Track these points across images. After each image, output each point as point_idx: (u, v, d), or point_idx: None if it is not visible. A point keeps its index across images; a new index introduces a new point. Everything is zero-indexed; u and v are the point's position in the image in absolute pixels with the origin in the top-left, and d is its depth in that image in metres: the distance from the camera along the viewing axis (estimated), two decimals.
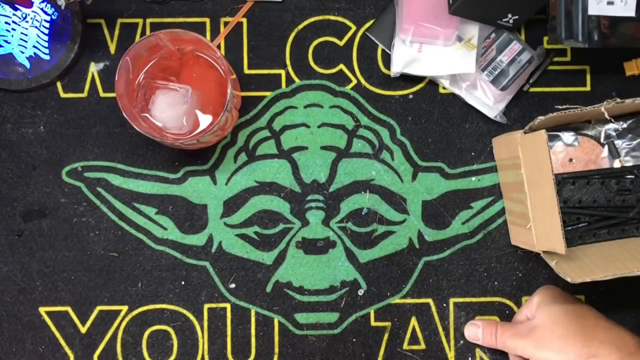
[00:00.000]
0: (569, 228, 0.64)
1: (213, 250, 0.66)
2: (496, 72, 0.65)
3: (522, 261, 0.66)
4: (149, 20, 0.67)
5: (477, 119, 0.67)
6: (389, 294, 0.66)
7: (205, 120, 0.61)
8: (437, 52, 0.64)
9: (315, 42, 0.67)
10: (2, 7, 0.64)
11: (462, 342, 0.66)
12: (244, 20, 0.67)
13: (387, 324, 0.66)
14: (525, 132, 0.58)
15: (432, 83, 0.67)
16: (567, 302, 0.59)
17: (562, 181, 0.63)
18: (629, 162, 0.65)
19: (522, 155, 0.59)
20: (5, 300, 0.65)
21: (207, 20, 0.67)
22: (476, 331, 0.64)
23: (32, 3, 0.64)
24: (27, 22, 0.64)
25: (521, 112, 0.67)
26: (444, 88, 0.67)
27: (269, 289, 0.66)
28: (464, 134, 0.67)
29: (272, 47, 0.67)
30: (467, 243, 0.66)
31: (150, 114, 0.60)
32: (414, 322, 0.66)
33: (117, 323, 0.65)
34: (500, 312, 0.66)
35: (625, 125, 0.65)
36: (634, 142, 0.65)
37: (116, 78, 0.57)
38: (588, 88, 0.68)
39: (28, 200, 0.66)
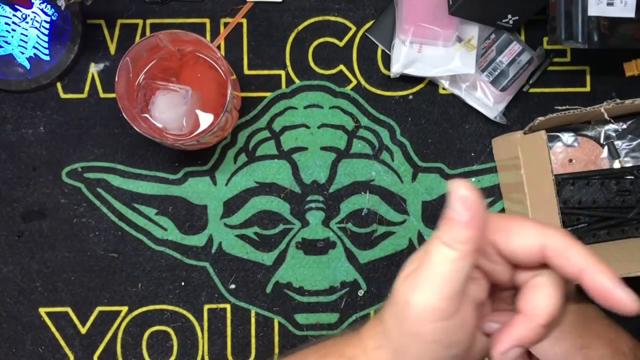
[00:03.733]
0: (569, 229, 0.64)
1: (213, 250, 0.66)
2: (496, 73, 0.65)
3: None
4: (149, 21, 0.67)
5: (477, 120, 0.67)
6: (389, 294, 0.66)
7: (205, 121, 0.61)
8: (437, 53, 0.64)
9: (315, 43, 0.67)
10: (2, 7, 0.64)
11: None
12: (244, 21, 0.67)
13: None
14: (525, 133, 0.58)
15: (432, 84, 0.67)
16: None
17: (562, 182, 0.63)
18: (629, 163, 0.65)
19: (522, 156, 0.59)
20: (5, 301, 0.65)
21: (207, 21, 0.67)
22: None
23: (32, 4, 0.64)
24: (27, 22, 0.64)
25: (521, 112, 0.67)
26: (443, 89, 0.67)
27: (269, 289, 0.66)
28: (464, 135, 0.67)
29: (272, 48, 0.67)
30: None
31: (150, 114, 0.60)
32: None
33: (117, 324, 0.65)
34: None
35: (625, 126, 0.65)
36: (634, 143, 0.65)
37: (116, 79, 0.57)
38: (588, 89, 0.68)
39: (28, 201, 0.66)
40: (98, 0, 0.66)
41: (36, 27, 0.64)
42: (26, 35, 0.64)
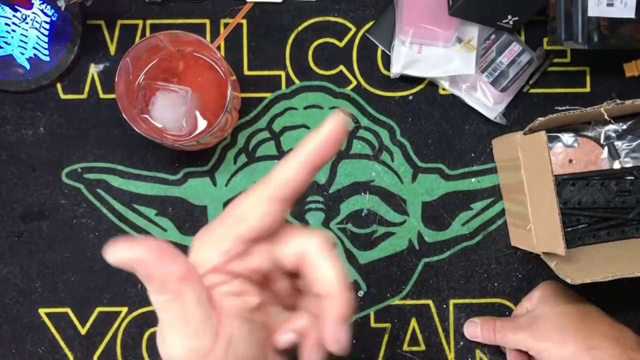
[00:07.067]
0: (569, 229, 0.64)
1: None
2: (496, 74, 0.65)
3: (522, 262, 0.66)
4: (148, 22, 0.67)
5: (477, 120, 0.67)
6: (388, 295, 0.66)
7: (205, 121, 0.61)
8: (436, 54, 0.64)
9: (315, 44, 0.67)
10: (2, 8, 0.64)
11: (462, 343, 0.66)
12: (244, 22, 0.67)
13: (387, 325, 0.66)
14: (525, 134, 0.58)
15: (432, 84, 0.67)
16: (568, 296, 0.60)
17: (562, 182, 0.63)
18: (629, 164, 0.65)
19: (522, 157, 0.59)
20: (5, 302, 0.65)
21: (207, 21, 0.67)
22: (475, 328, 0.63)
23: (32, 4, 0.64)
24: (27, 23, 0.64)
25: (521, 113, 0.67)
26: (443, 89, 0.67)
27: None
28: (464, 135, 0.67)
29: (272, 49, 0.67)
30: (467, 244, 0.66)
31: (150, 115, 0.60)
32: (413, 323, 0.66)
33: (117, 324, 0.65)
34: (500, 314, 0.66)
35: (624, 127, 0.65)
36: (634, 144, 0.65)
37: (116, 79, 0.57)
38: (588, 89, 0.68)
39: (28, 201, 0.65)
40: (98, 1, 0.66)
41: (36, 28, 0.64)
42: (26, 36, 0.64)
